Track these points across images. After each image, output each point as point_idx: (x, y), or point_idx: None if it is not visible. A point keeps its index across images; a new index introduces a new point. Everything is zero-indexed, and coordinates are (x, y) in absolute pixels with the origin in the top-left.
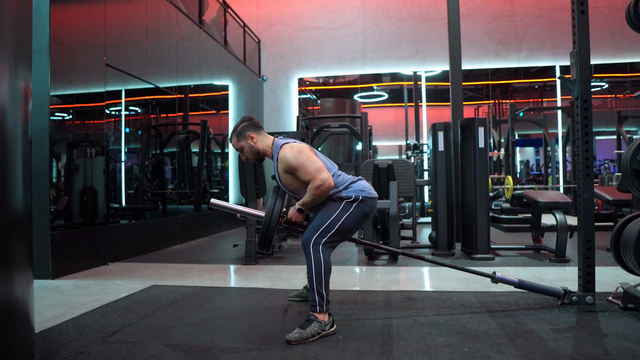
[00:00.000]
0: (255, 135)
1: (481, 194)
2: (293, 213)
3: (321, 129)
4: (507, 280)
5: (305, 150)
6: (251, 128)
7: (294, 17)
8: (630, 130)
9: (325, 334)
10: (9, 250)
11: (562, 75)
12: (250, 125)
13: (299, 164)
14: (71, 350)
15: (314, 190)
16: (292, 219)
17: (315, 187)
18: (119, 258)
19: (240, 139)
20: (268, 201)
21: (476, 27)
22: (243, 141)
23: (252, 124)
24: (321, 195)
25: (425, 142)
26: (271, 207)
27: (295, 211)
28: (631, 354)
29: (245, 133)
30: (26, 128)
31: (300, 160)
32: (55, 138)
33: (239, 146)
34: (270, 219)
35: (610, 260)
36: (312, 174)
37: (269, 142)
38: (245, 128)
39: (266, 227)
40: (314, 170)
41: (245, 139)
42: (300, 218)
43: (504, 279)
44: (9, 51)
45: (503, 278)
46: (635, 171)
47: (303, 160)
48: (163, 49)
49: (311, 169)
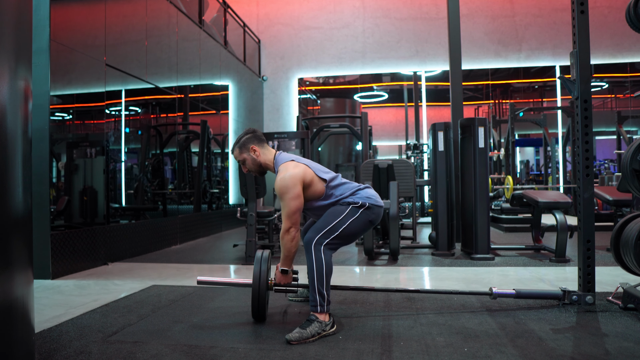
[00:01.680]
0: (258, 148)
1: (481, 194)
2: (279, 278)
3: (321, 129)
4: (505, 294)
5: (296, 184)
6: (254, 141)
7: (294, 17)
8: (630, 130)
9: (325, 334)
10: (9, 250)
11: (562, 75)
12: (253, 138)
13: (280, 196)
14: (71, 350)
15: (280, 235)
16: (281, 283)
17: (282, 232)
18: (119, 258)
19: (243, 151)
20: (253, 267)
21: (476, 27)
22: (245, 153)
23: (256, 137)
24: (286, 243)
25: (425, 142)
26: (257, 275)
27: (280, 275)
28: (631, 354)
29: (249, 145)
30: (26, 128)
31: (285, 196)
32: (55, 138)
33: (241, 158)
34: (258, 287)
35: (610, 260)
36: (284, 215)
37: (271, 156)
38: (248, 140)
39: (256, 296)
40: (287, 211)
41: (248, 151)
42: (287, 280)
43: (502, 294)
44: (9, 51)
45: (501, 293)
46: (635, 171)
47: (286, 198)
48: (163, 49)
49: (285, 209)
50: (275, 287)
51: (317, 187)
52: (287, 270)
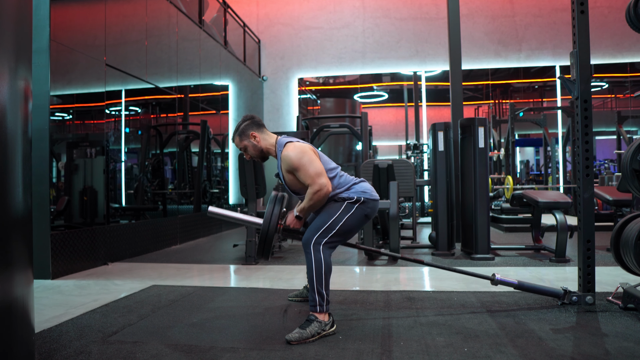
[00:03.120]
0: (257, 134)
1: (481, 194)
2: (291, 220)
3: (321, 129)
4: (507, 282)
5: (308, 151)
6: (253, 127)
7: (294, 17)
8: (630, 130)
9: (325, 334)
10: (9, 250)
11: (562, 75)
12: (252, 124)
13: (301, 165)
14: (71, 350)
15: (312, 195)
16: (290, 226)
17: (313, 192)
18: (119, 258)
19: (243, 138)
20: (267, 207)
21: (476, 27)
22: (246, 140)
23: (254, 123)
24: (319, 201)
25: (425, 142)
26: (269, 214)
27: (294, 218)
28: (631, 354)
29: (248, 132)
30: (26, 128)
31: (303, 161)
32: (55, 138)
33: (242, 145)
34: (268, 227)
35: (610, 260)
36: (312, 178)
37: (272, 140)
38: (247, 127)
39: (264, 235)
40: (313, 173)
41: (248, 138)
42: (298, 225)
43: (504, 281)
44: (9, 51)
45: (503, 280)
46: (635, 171)
47: (305, 162)
48: (163, 49)
49: (311, 172)
50: (284, 230)
51: None
52: (301, 217)
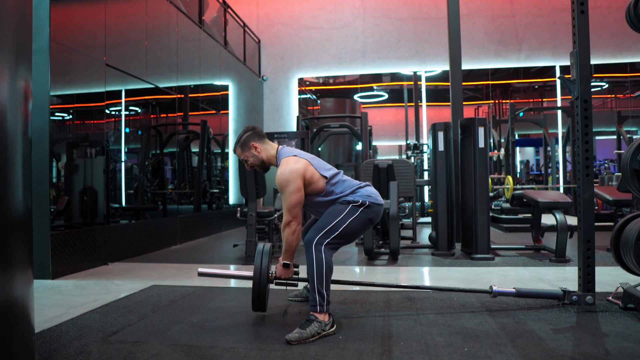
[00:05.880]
0: (259, 145)
1: (481, 194)
2: (280, 272)
3: (321, 129)
4: (506, 292)
5: (296, 180)
6: (255, 138)
7: (294, 17)
8: (630, 130)
9: (325, 334)
10: (9, 250)
11: (562, 75)
12: (253, 135)
13: (282, 191)
14: (71, 350)
15: (282, 231)
16: (282, 277)
17: (283, 225)
18: (119, 258)
19: (245, 149)
20: (255, 260)
21: (476, 27)
22: (247, 151)
23: (256, 134)
24: (287, 237)
25: (425, 142)
26: (258, 269)
27: (282, 268)
28: (631, 354)
29: (249, 143)
30: (26, 128)
31: (286, 189)
32: (55, 138)
33: (243, 156)
34: (259, 282)
35: (610, 260)
36: (285, 208)
37: (273, 151)
38: (249, 138)
39: (257, 291)
40: (287, 204)
41: (250, 149)
42: (288, 274)
43: (503, 292)
44: (9, 51)
45: (501, 291)
46: (635, 171)
47: (287, 191)
48: (163, 49)
49: (286, 203)
50: (276, 280)
51: (318, 184)
52: (288, 264)
